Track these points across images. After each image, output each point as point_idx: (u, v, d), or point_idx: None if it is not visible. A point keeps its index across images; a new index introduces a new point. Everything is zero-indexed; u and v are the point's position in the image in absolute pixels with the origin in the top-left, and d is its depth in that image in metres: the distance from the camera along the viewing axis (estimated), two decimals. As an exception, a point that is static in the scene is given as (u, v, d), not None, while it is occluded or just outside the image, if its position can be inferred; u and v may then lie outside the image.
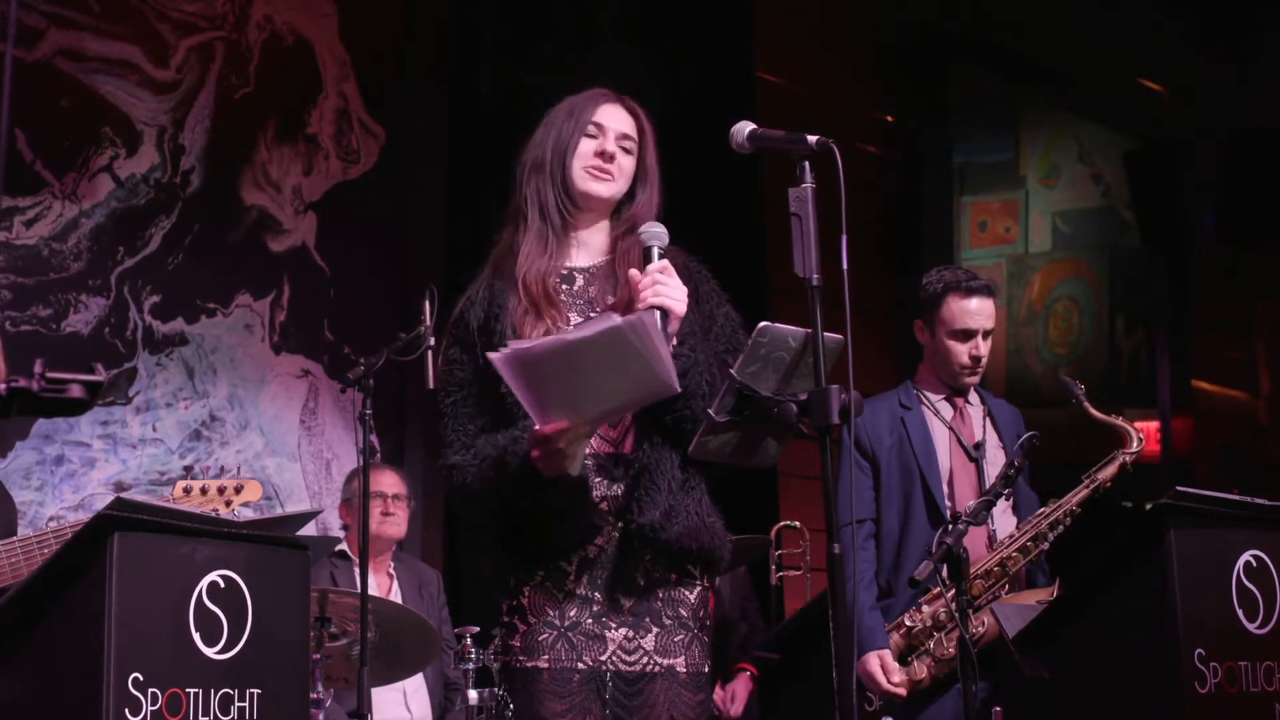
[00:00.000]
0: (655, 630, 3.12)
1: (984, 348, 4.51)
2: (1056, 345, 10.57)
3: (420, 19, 7.46)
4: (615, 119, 3.25)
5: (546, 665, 3.07)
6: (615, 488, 3.11)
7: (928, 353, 4.59)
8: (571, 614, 3.09)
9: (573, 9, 7.48)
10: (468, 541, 7.04)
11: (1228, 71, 9.64)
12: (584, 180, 3.21)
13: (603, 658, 3.09)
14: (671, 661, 3.13)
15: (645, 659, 3.11)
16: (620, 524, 3.10)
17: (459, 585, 6.72)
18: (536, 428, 2.95)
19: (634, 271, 3.09)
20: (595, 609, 3.10)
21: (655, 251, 3.10)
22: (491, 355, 2.91)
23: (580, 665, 3.08)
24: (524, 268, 3.18)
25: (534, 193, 3.22)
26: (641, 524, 3.08)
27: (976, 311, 4.49)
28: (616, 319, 2.84)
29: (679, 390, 2.97)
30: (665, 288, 3.05)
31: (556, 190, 3.21)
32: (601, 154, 3.21)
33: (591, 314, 3.19)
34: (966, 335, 4.49)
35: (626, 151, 3.24)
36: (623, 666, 3.10)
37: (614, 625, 3.10)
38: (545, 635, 3.08)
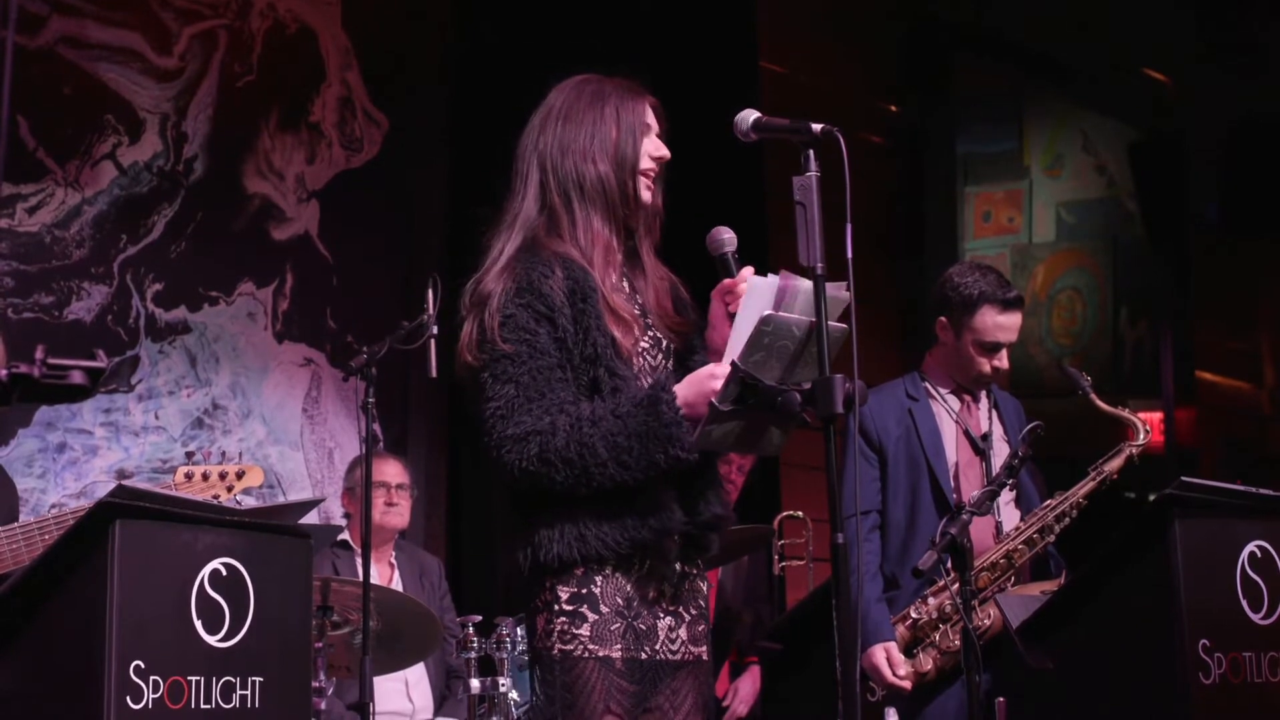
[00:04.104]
0: (687, 619, 3.15)
1: (1006, 359, 4.49)
2: (1060, 336, 10.55)
3: (423, 6, 7.45)
4: (655, 120, 3.22)
5: (619, 654, 3.05)
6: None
7: (945, 351, 4.53)
8: (634, 605, 3.08)
9: (576, -4, 7.46)
10: (473, 529, 7.03)
11: (1232, 62, 9.62)
12: (643, 190, 3.18)
13: (656, 647, 3.10)
14: (700, 650, 3.17)
15: (683, 648, 3.14)
16: (682, 519, 3.09)
17: (461, 574, 6.72)
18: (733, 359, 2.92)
19: (729, 282, 3.09)
20: (649, 599, 3.09)
21: (731, 258, 3.10)
22: (761, 280, 2.96)
23: (643, 655, 3.08)
24: (601, 276, 3.10)
25: (596, 186, 3.13)
26: (716, 515, 3.11)
27: (1009, 326, 4.45)
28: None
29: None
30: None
31: (622, 187, 3.14)
32: (660, 159, 3.19)
33: (635, 309, 3.17)
34: (995, 348, 4.45)
35: None
36: (669, 656, 3.12)
37: (661, 615, 3.11)
38: (617, 625, 3.05)
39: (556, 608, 3.05)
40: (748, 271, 3.08)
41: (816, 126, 2.92)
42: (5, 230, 6.04)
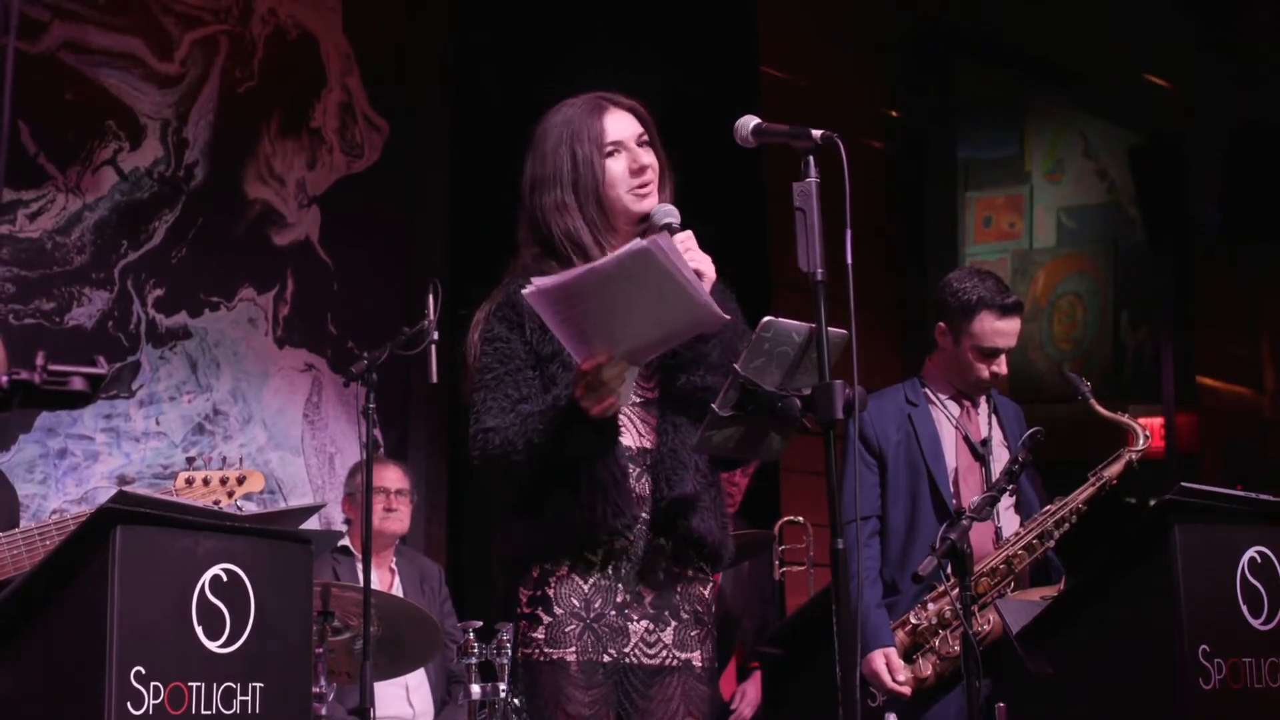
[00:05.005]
0: (674, 624, 3.12)
1: (1005, 365, 4.49)
2: (1061, 341, 10.54)
3: (424, 12, 7.46)
4: (627, 127, 3.18)
5: (574, 657, 3.04)
6: (643, 479, 3.10)
7: (945, 356, 4.53)
8: (596, 605, 3.07)
9: (576, 2, 7.46)
10: (473, 534, 7.04)
11: (1233, 67, 9.62)
12: (633, 203, 3.15)
13: (626, 650, 3.08)
14: (689, 655, 3.14)
15: (665, 652, 3.11)
16: (646, 514, 3.08)
17: (462, 579, 6.72)
18: (579, 364, 2.91)
19: None
20: (619, 601, 3.08)
21: (674, 226, 3.08)
22: (524, 292, 2.88)
23: (605, 658, 3.06)
24: None
25: (565, 235, 3.13)
26: (673, 499, 3.07)
27: (1008, 332, 4.46)
28: (642, 241, 2.81)
29: (727, 319, 2.95)
30: (697, 253, 3.05)
31: (593, 228, 3.14)
32: (639, 171, 3.15)
33: None
34: (994, 354, 4.46)
35: (650, 152, 3.20)
36: (644, 659, 3.09)
37: (636, 618, 3.09)
38: (572, 627, 3.05)
39: (518, 611, 3.10)
40: (685, 236, 3.08)
41: (816, 132, 2.93)
42: (6, 236, 6.05)
